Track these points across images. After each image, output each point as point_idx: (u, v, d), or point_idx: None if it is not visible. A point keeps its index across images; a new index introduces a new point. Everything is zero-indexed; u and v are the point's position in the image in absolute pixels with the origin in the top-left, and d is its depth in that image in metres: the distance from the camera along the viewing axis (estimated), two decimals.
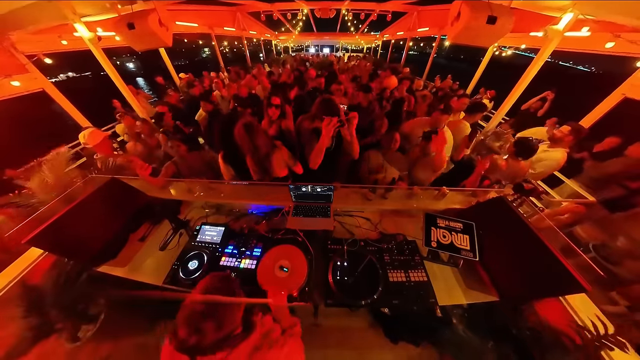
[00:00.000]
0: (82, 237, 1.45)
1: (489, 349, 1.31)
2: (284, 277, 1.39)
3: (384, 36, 14.02)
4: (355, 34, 14.71)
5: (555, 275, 1.10)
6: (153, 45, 2.66)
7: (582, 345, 1.15)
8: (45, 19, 2.71)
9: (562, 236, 1.43)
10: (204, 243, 1.65)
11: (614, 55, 3.37)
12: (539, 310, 1.34)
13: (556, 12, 2.64)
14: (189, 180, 2.02)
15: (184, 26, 6.37)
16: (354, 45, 22.44)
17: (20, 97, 3.24)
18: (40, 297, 1.43)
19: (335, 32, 15.06)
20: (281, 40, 17.11)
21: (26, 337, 1.32)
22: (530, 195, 1.91)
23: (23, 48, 3.19)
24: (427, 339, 1.46)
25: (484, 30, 2.04)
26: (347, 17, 10.03)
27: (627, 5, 2.05)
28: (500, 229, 1.46)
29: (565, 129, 2.58)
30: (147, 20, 2.39)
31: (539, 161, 2.56)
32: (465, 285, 1.47)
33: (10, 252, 1.55)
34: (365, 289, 1.38)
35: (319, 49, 24.18)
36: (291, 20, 10.39)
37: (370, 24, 10.14)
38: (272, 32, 14.12)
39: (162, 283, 1.44)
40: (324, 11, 8.01)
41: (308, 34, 16.72)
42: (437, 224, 1.56)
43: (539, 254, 1.17)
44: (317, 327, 1.57)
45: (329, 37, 17.96)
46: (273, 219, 1.86)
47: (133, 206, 1.81)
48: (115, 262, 1.58)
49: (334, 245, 1.62)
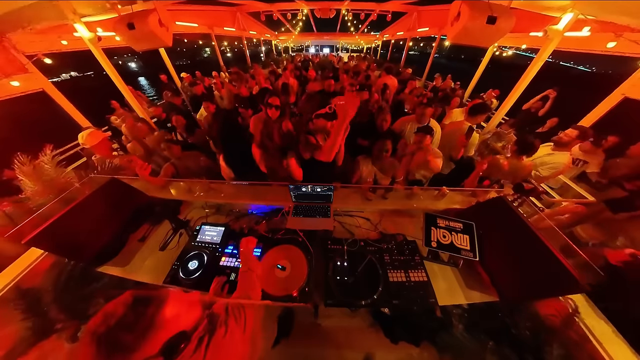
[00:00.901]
0: (82, 237, 1.45)
1: (489, 349, 1.31)
2: (284, 277, 1.39)
3: (383, 36, 14.02)
4: (355, 34, 14.72)
5: (555, 276, 1.10)
6: (153, 46, 2.66)
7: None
8: (45, 19, 2.71)
9: (562, 236, 1.43)
10: (204, 243, 1.65)
11: (615, 55, 3.37)
12: (539, 310, 1.34)
13: (556, 12, 2.63)
14: (189, 180, 2.02)
15: (184, 26, 6.37)
16: (354, 45, 22.44)
17: (20, 97, 3.24)
18: (40, 297, 1.43)
19: (335, 32, 15.06)
20: (281, 40, 17.12)
21: (26, 337, 1.32)
22: (530, 195, 1.91)
23: (23, 48, 3.19)
24: (427, 339, 1.45)
25: (484, 30, 2.04)
26: (347, 17, 10.03)
27: (627, 5, 2.05)
28: (500, 229, 1.46)
29: (573, 133, 2.51)
30: (147, 21, 2.39)
31: (544, 164, 2.51)
32: (465, 285, 1.47)
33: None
34: (365, 289, 1.38)
35: (319, 49, 24.19)
36: (291, 20, 10.40)
37: (370, 24, 10.15)
38: (272, 32, 14.12)
39: (162, 283, 1.44)
40: (323, 11, 8.00)
41: (308, 34, 16.73)
42: (437, 224, 1.56)
43: (539, 254, 1.17)
44: (317, 327, 1.57)
45: (329, 37, 17.96)
46: (273, 219, 1.86)
47: (133, 206, 1.81)
48: (115, 262, 1.58)
49: (334, 245, 1.61)
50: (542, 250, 1.14)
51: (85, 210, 1.43)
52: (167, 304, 0.63)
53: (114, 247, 1.64)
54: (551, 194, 2.84)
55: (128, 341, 0.54)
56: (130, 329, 0.55)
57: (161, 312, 0.61)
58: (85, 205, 1.43)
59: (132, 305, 0.58)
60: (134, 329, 0.56)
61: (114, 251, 1.63)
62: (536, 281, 1.22)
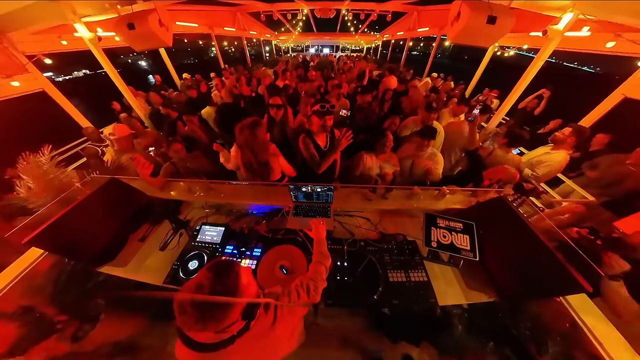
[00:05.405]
0: (82, 237, 1.44)
1: (489, 349, 1.31)
2: (284, 277, 1.39)
3: (384, 36, 14.02)
4: (355, 34, 14.71)
5: (555, 276, 1.10)
6: (153, 46, 2.66)
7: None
8: (45, 19, 2.71)
9: (562, 236, 1.43)
10: (204, 243, 1.65)
11: (619, 55, 3.36)
12: (539, 310, 1.34)
13: (556, 12, 2.63)
14: (189, 180, 2.02)
15: (184, 26, 6.37)
16: (354, 45, 22.43)
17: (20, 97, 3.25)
18: (40, 297, 1.43)
19: (335, 32, 15.05)
20: (281, 40, 17.11)
21: (26, 337, 1.32)
22: (530, 195, 1.91)
23: (23, 48, 3.19)
24: (427, 339, 1.46)
25: (484, 30, 2.04)
26: (347, 17, 10.02)
27: (627, 5, 2.05)
28: (500, 229, 1.45)
29: (567, 131, 2.56)
30: (147, 21, 2.39)
31: (540, 163, 2.54)
32: (465, 285, 1.46)
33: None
34: (365, 289, 1.38)
35: (319, 49, 24.18)
36: (291, 21, 10.38)
37: (370, 24, 10.13)
38: (272, 32, 14.12)
39: (162, 283, 1.44)
40: (323, 11, 8.00)
41: (308, 34, 16.71)
42: (437, 224, 1.56)
43: (539, 254, 1.17)
44: (317, 327, 1.57)
45: (329, 37, 17.94)
46: (273, 219, 1.86)
47: (133, 206, 1.81)
48: (116, 262, 1.58)
49: (334, 246, 1.61)
50: (542, 250, 1.14)
51: (86, 210, 1.43)
52: (242, 274, 0.73)
53: (114, 247, 1.64)
54: (551, 194, 2.84)
55: (219, 307, 0.64)
56: (221, 293, 0.64)
57: (240, 281, 0.71)
58: (86, 205, 1.43)
59: (215, 275, 0.68)
60: (223, 296, 0.64)
61: (114, 251, 1.63)
62: (536, 281, 1.22)
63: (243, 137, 1.71)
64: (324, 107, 1.79)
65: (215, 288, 0.65)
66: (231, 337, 0.72)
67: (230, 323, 0.68)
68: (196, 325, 0.63)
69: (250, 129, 1.67)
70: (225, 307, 0.66)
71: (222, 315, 0.65)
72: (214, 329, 0.67)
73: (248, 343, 0.76)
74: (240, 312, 0.70)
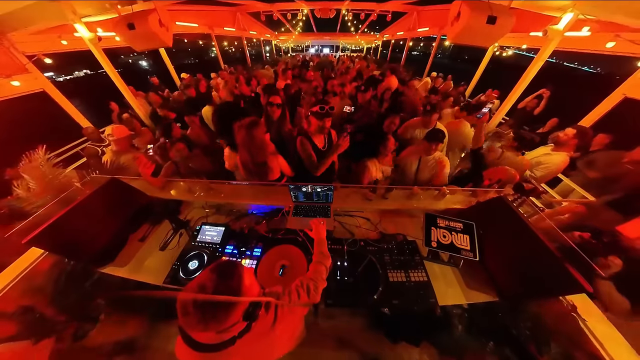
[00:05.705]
0: (82, 237, 1.45)
1: (489, 349, 1.31)
2: (284, 277, 1.39)
3: (384, 36, 14.02)
4: (355, 34, 14.71)
5: (555, 275, 1.10)
6: (153, 46, 2.66)
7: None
8: (45, 19, 2.71)
9: (563, 236, 1.43)
10: (204, 243, 1.65)
11: (619, 55, 3.35)
12: (539, 310, 1.34)
13: (556, 12, 2.63)
14: (189, 180, 2.02)
15: (184, 26, 6.37)
16: (354, 45, 22.43)
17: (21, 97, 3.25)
18: (40, 297, 1.43)
19: (335, 32, 15.04)
20: (281, 40, 17.11)
21: (26, 337, 1.32)
22: (530, 195, 1.91)
23: (23, 48, 3.19)
24: (427, 339, 1.46)
25: (484, 30, 2.04)
26: (347, 17, 10.02)
27: (627, 5, 2.05)
28: (500, 229, 1.46)
29: (571, 132, 2.48)
30: (147, 21, 2.39)
31: (540, 164, 2.51)
32: (465, 285, 1.46)
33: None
34: (365, 289, 1.39)
35: (319, 49, 24.18)
36: (291, 21, 10.38)
37: (370, 24, 10.14)
38: (272, 32, 14.11)
39: (162, 283, 1.44)
40: (324, 11, 8.00)
41: (308, 34, 16.71)
42: (437, 224, 1.56)
43: (539, 254, 1.17)
44: (317, 327, 1.56)
45: (329, 37, 17.94)
46: (273, 219, 1.86)
47: (133, 206, 1.81)
48: (116, 262, 1.58)
49: (334, 246, 1.61)
50: (542, 250, 1.14)
51: (86, 210, 1.43)
52: (245, 276, 0.73)
53: (114, 247, 1.64)
54: (552, 194, 2.84)
55: (221, 308, 0.65)
56: (224, 294, 0.65)
57: (243, 282, 0.71)
58: (86, 205, 1.43)
59: (218, 276, 0.68)
60: (225, 297, 0.65)
61: (114, 251, 1.63)
62: (536, 281, 1.22)
63: (240, 137, 1.71)
64: (323, 108, 1.78)
65: (218, 290, 0.65)
66: (232, 338, 0.72)
67: (232, 324, 0.68)
68: (198, 326, 0.63)
69: (248, 129, 1.66)
70: (228, 307, 0.66)
71: (224, 315, 0.65)
72: (215, 329, 0.67)
73: (248, 343, 0.76)
74: (242, 313, 0.70)
